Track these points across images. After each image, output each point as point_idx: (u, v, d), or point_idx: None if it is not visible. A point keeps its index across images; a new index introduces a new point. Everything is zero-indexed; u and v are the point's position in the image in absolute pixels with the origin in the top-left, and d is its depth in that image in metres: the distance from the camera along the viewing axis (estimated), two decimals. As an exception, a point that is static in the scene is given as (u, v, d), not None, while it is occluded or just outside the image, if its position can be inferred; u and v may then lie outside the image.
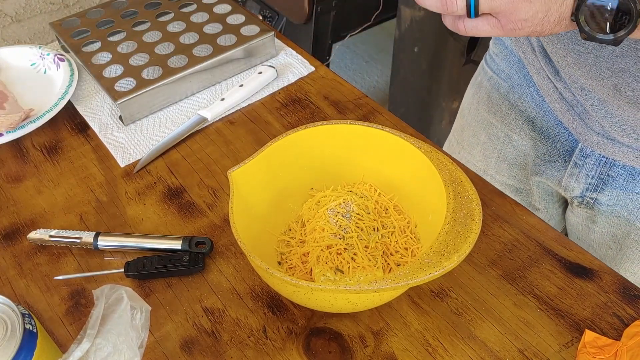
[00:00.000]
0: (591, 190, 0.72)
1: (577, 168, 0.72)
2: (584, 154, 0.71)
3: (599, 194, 0.72)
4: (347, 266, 0.57)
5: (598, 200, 0.72)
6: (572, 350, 0.53)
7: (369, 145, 0.62)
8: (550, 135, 0.75)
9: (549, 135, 0.75)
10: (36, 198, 0.69)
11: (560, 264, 0.60)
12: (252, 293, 0.59)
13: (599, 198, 0.72)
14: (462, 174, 0.56)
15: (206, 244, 0.62)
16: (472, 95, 0.86)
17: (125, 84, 0.78)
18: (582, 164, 0.71)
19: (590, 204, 0.74)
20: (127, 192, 0.70)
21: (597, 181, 0.71)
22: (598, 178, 0.71)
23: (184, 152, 0.74)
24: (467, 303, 0.57)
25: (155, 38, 0.85)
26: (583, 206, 0.75)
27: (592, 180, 0.71)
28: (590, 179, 0.71)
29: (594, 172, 0.71)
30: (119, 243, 0.62)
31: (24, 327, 0.45)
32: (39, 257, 0.63)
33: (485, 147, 0.84)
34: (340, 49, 2.30)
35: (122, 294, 0.49)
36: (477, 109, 0.84)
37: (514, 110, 0.78)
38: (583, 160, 0.71)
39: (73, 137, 0.77)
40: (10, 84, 0.83)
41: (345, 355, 0.54)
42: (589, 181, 0.72)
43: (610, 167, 0.69)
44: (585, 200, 0.74)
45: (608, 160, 0.69)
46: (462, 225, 0.51)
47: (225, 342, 0.55)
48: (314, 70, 0.85)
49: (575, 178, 0.73)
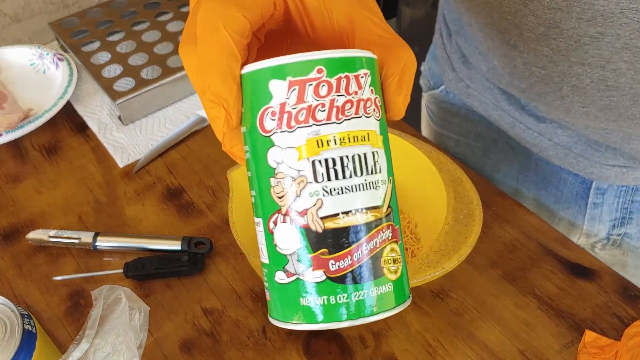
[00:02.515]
0: (618, 225, 0.64)
1: (596, 208, 0.64)
2: (601, 190, 0.62)
3: (627, 227, 0.64)
4: (347, 266, 0.57)
5: (627, 234, 0.64)
6: (572, 350, 0.53)
7: (368, 145, 0.62)
8: (552, 183, 0.67)
9: (551, 184, 0.67)
10: (35, 198, 0.69)
11: (561, 264, 0.59)
12: (252, 294, 0.59)
13: (628, 231, 0.64)
14: (463, 174, 0.56)
15: (205, 245, 0.62)
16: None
17: (125, 84, 0.78)
18: (602, 202, 0.63)
19: (617, 242, 0.66)
20: (126, 193, 0.69)
21: (622, 213, 0.63)
22: (622, 209, 0.63)
23: (183, 152, 0.74)
24: (467, 303, 0.57)
25: (155, 38, 0.85)
26: (609, 247, 0.66)
27: (616, 214, 0.63)
28: (615, 214, 0.63)
29: (616, 205, 0.63)
30: (118, 243, 0.62)
31: (23, 328, 0.45)
32: (38, 257, 0.63)
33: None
34: (340, 49, 2.30)
35: (120, 294, 0.49)
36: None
37: (501, 166, 0.70)
38: (602, 198, 0.63)
39: (72, 137, 0.77)
40: (9, 83, 0.83)
41: (345, 355, 0.54)
42: (614, 216, 0.63)
43: (633, 192, 0.61)
44: (611, 239, 0.65)
45: (629, 186, 0.61)
46: (462, 226, 0.51)
47: (225, 342, 0.55)
48: (314, 70, 0.84)
49: (598, 219, 0.65)
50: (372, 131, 0.29)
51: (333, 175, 0.28)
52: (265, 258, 0.31)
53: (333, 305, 0.29)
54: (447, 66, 0.70)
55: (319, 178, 0.28)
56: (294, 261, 0.29)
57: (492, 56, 0.58)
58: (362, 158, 0.29)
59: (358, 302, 0.29)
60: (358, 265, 0.29)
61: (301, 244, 0.29)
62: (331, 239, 0.28)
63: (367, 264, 0.29)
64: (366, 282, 0.29)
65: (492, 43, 0.56)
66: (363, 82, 0.29)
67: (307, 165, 0.28)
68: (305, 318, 0.29)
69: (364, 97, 0.29)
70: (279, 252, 0.29)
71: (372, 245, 0.29)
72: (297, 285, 0.29)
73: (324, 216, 0.28)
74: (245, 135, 0.30)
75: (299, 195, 0.28)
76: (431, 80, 0.77)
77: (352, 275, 0.29)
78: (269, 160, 0.29)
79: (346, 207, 0.28)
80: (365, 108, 0.29)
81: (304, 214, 0.28)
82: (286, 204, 0.29)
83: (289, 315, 0.30)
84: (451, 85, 0.70)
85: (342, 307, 0.29)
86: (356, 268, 0.29)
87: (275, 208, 0.29)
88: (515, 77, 0.56)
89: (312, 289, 0.29)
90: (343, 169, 0.28)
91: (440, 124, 0.76)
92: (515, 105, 0.62)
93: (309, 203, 0.28)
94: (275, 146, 0.28)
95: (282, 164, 0.28)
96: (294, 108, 0.28)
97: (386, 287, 0.30)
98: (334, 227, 0.28)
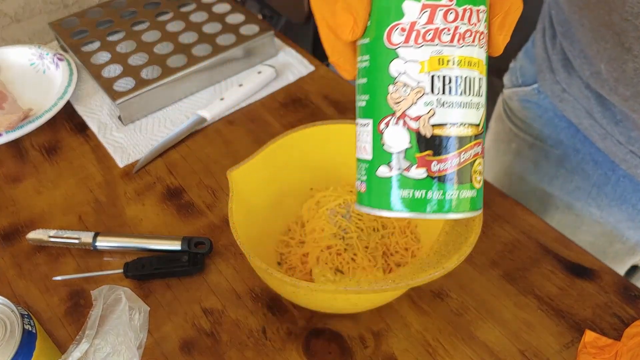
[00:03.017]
0: None
1: None
2: None
3: None
4: (347, 267, 0.57)
5: None
6: (572, 350, 0.53)
7: (368, 145, 0.62)
8: (630, 201, 0.65)
9: (628, 201, 0.65)
10: (35, 198, 0.69)
11: (561, 264, 0.59)
12: (252, 294, 0.59)
13: None
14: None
15: (205, 245, 0.62)
16: (510, 162, 0.75)
17: (125, 84, 0.78)
18: None
19: None
20: (126, 193, 0.69)
21: None
22: None
23: (183, 152, 0.74)
24: (467, 303, 0.57)
25: (155, 37, 0.85)
26: None
27: None
28: None
29: None
30: (118, 243, 0.62)
31: (23, 328, 0.45)
32: (38, 257, 0.63)
33: (538, 214, 0.75)
34: (340, 49, 2.29)
35: (120, 294, 0.49)
36: (522, 179, 0.74)
37: (576, 177, 0.68)
38: None
39: (72, 137, 0.77)
40: (9, 83, 0.83)
41: (345, 356, 0.54)
42: None
43: None
44: None
45: None
46: (462, 226, 0.51)
47: (225, 342, 0.55)
48: (314, 70, 0.85)
49: None
50: (481, 60, 0.34)
51: (447, 90, 0.33)
52: (367, 154, 0.36)
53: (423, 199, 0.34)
54: (545, 66, 0.67)
55: (435, 91, 0.33)
56: (400, 159, 0.34)
57: (600, 60, 0.55)
58: (472, 81, 0.33)
59: (445, 200, 0.34)
60: (454, 170, 0.34)
61: (409, 145, 0.33)
62: (437, 144, 0.33)
63: (461, 170, 0.34)
64: (457, 184, 0.34)
65: (602, 45, 0.54)
66: (481, 17, 0.33)
67: (426, 79, 0.33)
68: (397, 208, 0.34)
69: (480, 30, 0.33)
70: (385, 150, 0.34)
71: (467, 155, 0.34)
72: (398, 179, 0.34)
73: (434, 124, 0.33)
74: (366, 46, 0.34)
75: (415, 103, 0.33)
76: (520, 78, 0.74)
77: (448, 177, 0.34)
78: (391, 70, 0.33)
79: (453, 119, 0.33)
80: (480, 39, 0.34)
81: (417, 119, 0.33)
82: (402, 109, 0.33)
83: (382, 204, 0.35)
84: (546, 86, 0.67)
85: (431, 201, 0.34)
86: (452, 171, 0.34)
87: (389, 112, 0.34)
88: (621, 84, 0.54)
89: (412, 184, 0.34)
90: (456, 87, 0.33)
91: (517, 122, 0.73)
92: (609, 120, 0.60)
93: (423, 111, 0.33)
94: (399, 58, 0.33)
95: (403, 74, 0.33)
96: (423, 27, 0.32)
97: (470, 193, 0.35)
98: (440, 134, 0.33)
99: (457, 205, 0.34)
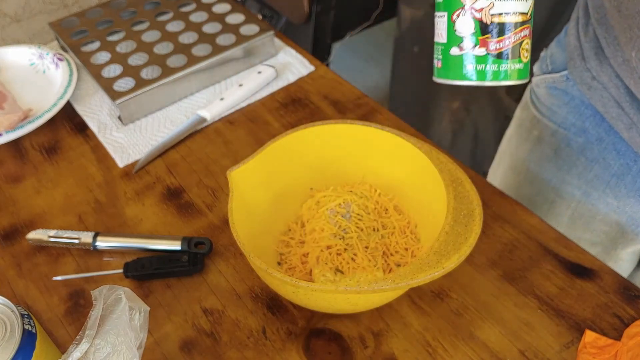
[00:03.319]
0: None
1: None
2: None
3: None
4: (347, 267, 0.57)
5: None
6: (572, 350, 0.53)
7: (368, 145, 0.62)
8: None
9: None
10: (35, 198, 0.69)
11: (561, 264, 0.59)
12: (252, 294, 0.59)
13: None
14: (463, 174, 0.56)
15: (205, 245, 0.62)
16: (529, 150, 0.76)
17: (125, 84, 0.78)
18: None
19: None
20: (126, 193, 0.69)
21: None
22: None
23: (183, 152, 0.74)
24: (467, 303, 0.57)
25: (155, 37, 0.85)
26: None
27: None
28: None
29: None
30: (118, 243, 0.62)
31: (23, 328, 0.45)
32: (38, 257, 0.63)
33: (554, 205, 0.75)
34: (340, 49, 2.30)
35: (120, 294, 0.49)
36: (540, 166, 0.75)
37: (596, 166, 0.69)
38: None
39: (72, 137, 0.77)
40: (9, 83, 0.83)
41: (345, 356, 0.54)
42: None
43: None
44: None
45: None
46: (462, 226, 0.51)
47: (225, 342, 0.55)
48: (314, 70, 0.85)
49: None
50: None
51: None
52: (442, 39, 0.46)
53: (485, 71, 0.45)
54: (576, 54, 0.67)
55: None
56: (467, 41, 0.44)
57: (632, 47, 0.56)
58: None
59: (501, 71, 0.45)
60: (507, 47, 0.44)
61: (474, 30, 0.44)
62: (494, 28, 0.44)
63: (513, 48, 0.44)
64: (510, 59, 0.44)
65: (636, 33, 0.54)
66: None
67: None
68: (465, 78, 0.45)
69: None
70: (457, 35, 0.45)
71: (517, 37, 0.44)
72: (466, 57, 0.45)
73: (492, 14, 0.43)
74: None
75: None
76: (550, 65, 0.74)
77: (502, 53, 0.44)
78: None
79: (507, 9, 0.43)
80: None
81: (480, 11, 0.43)
82: (468, 3, 0.43)
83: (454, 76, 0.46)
84: (575, 73, 0.67)
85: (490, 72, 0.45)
86: (506, 49, 0.44)
87: (459, 5, 0.44)
88: None
89: (474, 59, 0.45)
90: None
91: (543, 109, 0.74)
92: (637, 110, 0.61)
93: (485, 3, 0.43)
94: None
95: None
96: None
97: (520, 65, 0.45)
98: (497, 21, 0.43)
99: (510, 74, 0.45)
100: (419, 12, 1.48)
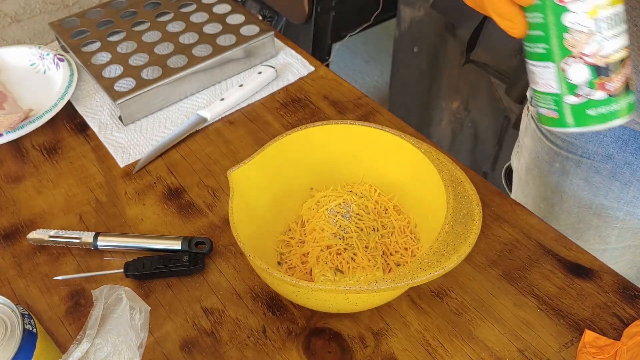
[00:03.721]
0: None
1: None
2: None
3: None
4: (347, 266, 0.57)
5: None
6: (572, 350, 0.53)
7: (368, 146, 0.62)
8: None
9: None
10: (36, 198, 0.69)
11: (560, 264, 0.60)
12: (252, 293, 0.59)
13: None
14: (462, 174, 0.56)
15: (206, 244, 0.62)
16: (556, 183, 0.73)
17: (125, 84, 0.78)
18: None
19: None
20: (127, 193, 0.69)
21: None
22: None
23: (184, 152, 0.74)
24: (466, 303, 0.57)
25: (155, 38, 0.85)
26: None
27: None
28: None
29: None
30: (119, 243, 0.62)
31: (24, 328, 0.45)
32: (38, 257, 0.63)
33: (599, 230, 0.73)
34: (340, 49, 2.30)
35: (121, 294, 0.49)
36: (573, 196, 0.72)
37: (631, 188, 0.67)
38: None
39: (72, 137, 0.77)
40: (9, 84, 0.83)
41: (345, 355, 0.54)
42: None
43: None
44: None
45: None
46: (462, 226, 0.51)
47: (225, 342, 0.55)
48: (314, 70, 0.85)
49: None
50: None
51: (608, 27, 0.41)
52: (553, 89, 0.44)
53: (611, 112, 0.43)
54: None
55: (600, 30, 0.41)
56: (584, 87, 0.43)
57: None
58: (620, 14, 0.42)
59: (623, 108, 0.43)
60: (623, 83, 0.43)
61: (590, 76, 0.42)
62: (608, 69, 0.42)
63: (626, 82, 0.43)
64: (626, 94, 0.43)
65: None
66: None
67: (593, 23, 0.41)
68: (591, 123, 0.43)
69: None
70: (571, 83, 0.43)
71: (628, 70, 0.43)
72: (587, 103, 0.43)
73: (602, 55, 0.42)
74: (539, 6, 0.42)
75: (588, 44, 0.41)
76: None
77: (620, 91, 0.43)
78: (564, 21, 0.41)
79: (615, 46, 0.42)
80: None
81: (591, 55, 0.42)
82: (578, 50, 0.42)
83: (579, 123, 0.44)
84: None
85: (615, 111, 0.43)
86: (622, 85, 0.43)
87: (567, 53, 0.42)
88: None
89: (596, 104, 0.43)
90: (613, 23, 0.41)
91: (558, 142, 0.71)
92: None
93: (595, 48, 0.41)
94: (570, 12, 0.41)
95: (575, 23, 0.41)
96: None
97: (632, 98, 0.44)
98: (609, 61, 0.42)
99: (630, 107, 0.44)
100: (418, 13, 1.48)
